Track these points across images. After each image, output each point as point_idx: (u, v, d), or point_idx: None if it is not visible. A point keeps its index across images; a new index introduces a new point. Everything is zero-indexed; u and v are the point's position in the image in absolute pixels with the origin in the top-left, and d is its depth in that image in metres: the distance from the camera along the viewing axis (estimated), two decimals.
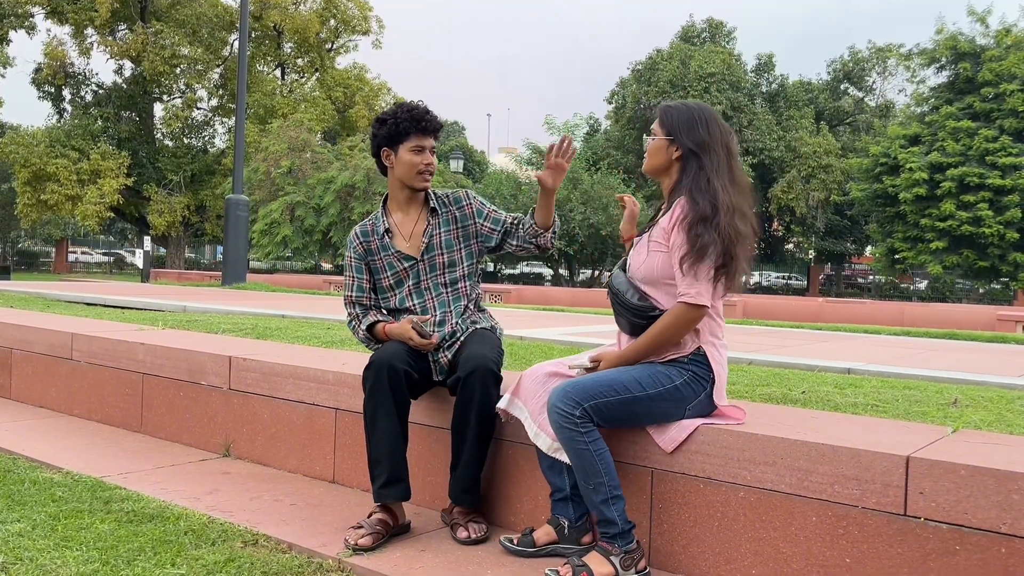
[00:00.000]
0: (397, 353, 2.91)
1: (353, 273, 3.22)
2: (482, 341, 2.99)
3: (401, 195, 3.17)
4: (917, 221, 27.73)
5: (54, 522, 2.88)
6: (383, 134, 3.10)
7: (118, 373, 4.50)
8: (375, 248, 3.17)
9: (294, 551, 2.74)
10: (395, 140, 3.08)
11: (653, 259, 2.58)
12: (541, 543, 2.71)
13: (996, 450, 2.30)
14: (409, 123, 3.06)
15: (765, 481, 2.42)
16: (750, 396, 3.28)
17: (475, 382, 2.80)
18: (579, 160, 33.11)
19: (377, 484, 2.86)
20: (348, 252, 3.24)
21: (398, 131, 3.07)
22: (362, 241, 3.19)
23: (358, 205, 23.57)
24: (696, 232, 2.46)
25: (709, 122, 2.60)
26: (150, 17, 32.30)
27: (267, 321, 6.25)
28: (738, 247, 2.50)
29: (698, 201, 2.50)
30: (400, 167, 3.10)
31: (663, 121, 2.66)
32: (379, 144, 3.14)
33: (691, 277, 2.48)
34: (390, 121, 3.08)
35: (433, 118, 3.11)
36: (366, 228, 3.22)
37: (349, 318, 3.23)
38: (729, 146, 2.62)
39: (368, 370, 2.89)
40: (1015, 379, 4.17)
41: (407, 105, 3.11)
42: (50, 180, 29.52)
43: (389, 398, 2.85)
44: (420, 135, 3.08)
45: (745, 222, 2.54)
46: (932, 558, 2.15)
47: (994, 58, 27.55)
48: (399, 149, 3.09)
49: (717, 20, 40.38)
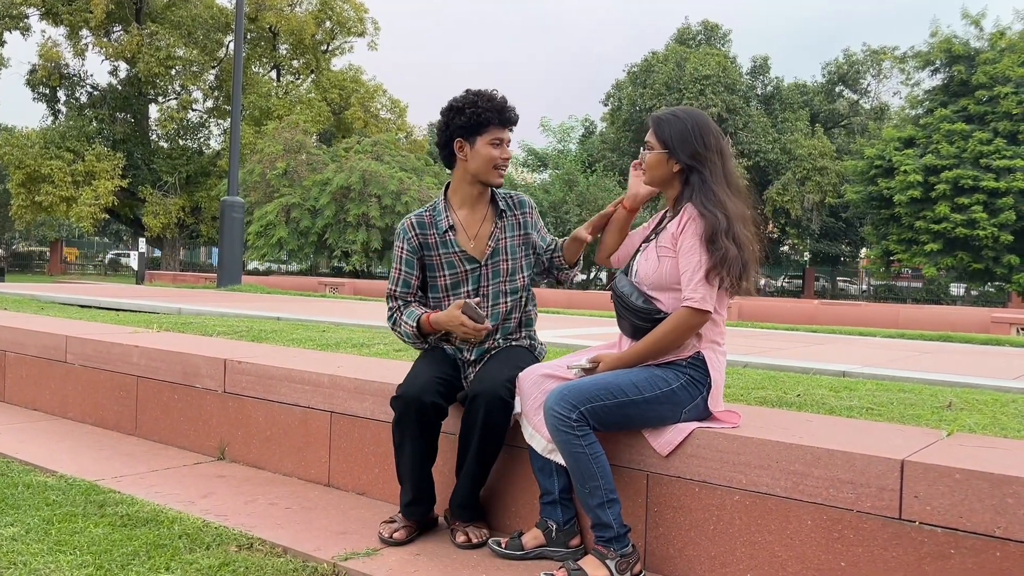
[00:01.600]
0: (427, 386, 2.77)
1: (402, 267, 3.00)
2: (506, 361, 2.88)
3: (470, 190, 2.98)
4: (912, 223, 27.80)
5: (48, 526, 2.87)
6: (460, 123, 2.88)
7: (112, 376, 4.49)
8: (433, 243, 2.97)
9: (289, 555, 2.73)
10: (473, 131, 2.88)
11: (663, 265, 2.59)
12: (529, 547, 2.72)
13: (991, 454, 2.31)
14: (491, 113, 2.86)
15: (760, 485, 2.42)
16: (745, 399, 3.28)
17: (480, 406, 2.75)
18: (575, 162, 33.14)
19: (404, 501, 2.89)
20: (399, 243, 3.00)
21: (478, 121, 2.86)
22: (418, 233, 2.97)
23: (353, 207, 23.53)
24: (720, 244, 2.47)
25: (703, 132, 2.61)
26: (145, 18, 32.25)
27: (262, 323, 6.24)
28: (750, 255, 2.54)
29: (711, 211, 2.50)
30: (476, 160, 2.90)
31: (658, 135, 2.66)
32: (452, 134, 2.92)
33: (699, 283, 2.49)
34: (469, 110, 2.86)
35: (514, 109, 2.93)
36: (423, 219, 2.99)
37: (390, 312, 3.01)
38: (723, 151, 2.64)
39: (396, 401, 2.80)
40: (1010, 382, 4.17)
41: (485, 94, 2.90)
42: (45, 181, 29.44)
43: (416, 429, 2.80)
44: (500, 127, 2.90)
45: (750, 228, 2.57)
46: (927, 562, 2.16)
47: (988, 61, 27.64)
48: (476, 141, 2.89)
49: (712, 22, 40.49)
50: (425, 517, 2.92)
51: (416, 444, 2.82)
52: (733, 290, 2.57)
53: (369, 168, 23.86)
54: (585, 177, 29.28)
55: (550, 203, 27.68)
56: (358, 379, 3.44)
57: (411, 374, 2.88)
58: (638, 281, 2.67)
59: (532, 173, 38.32)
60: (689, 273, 2.51)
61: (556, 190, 29.38)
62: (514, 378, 2.79)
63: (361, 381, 3.42)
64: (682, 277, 2.53)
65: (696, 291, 2.49)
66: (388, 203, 23.44)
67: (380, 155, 25.83)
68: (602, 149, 37.32)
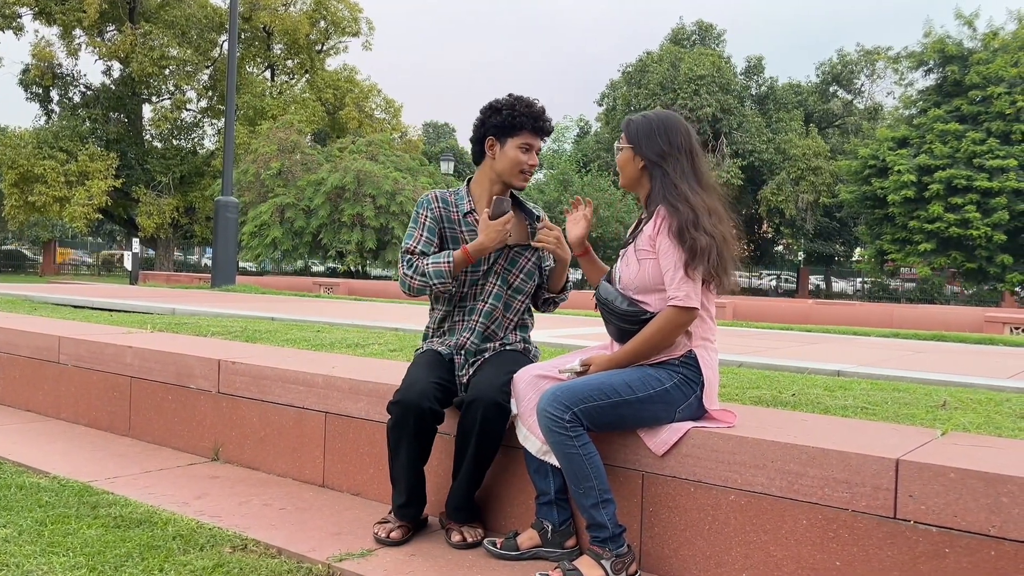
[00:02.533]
0: (425, 392, 2.77)
1: (423, 232, 3.01)
2: (501, 365, 2.90)
3: (491, 188, 3.04)
4: (905, 223, 27.90)
5: (40, 528, 2.86)
6: (495, 122, 2.96)
7: (106, 376, 4.47)
8: (455, 219, 3.03)
9: (283, 556, 2.72)
10: (506, 131, 2.96)
11: (644, 268, 2.59)
12: (524, 547, 2.72)
13: (985, 453, 2.31)
14: (526, 118, 2.94)
15: (755, 484, 2.42)
16: (740, 399, 3.29)
17: (476, 412, 2.76)
18: (569, 162, 33.18)
19: (396, 503, 2.90)
20: (422, 210, 3.03)
21: (513, 123, 2.94)
22: (441, 206, 3.03)
23: (348, 207, 23.50)
24: (688, 236, 2.48)
25: (669, 131, 2.64)
26: (139, 18, 32.17)
27: (256, 324, 6.22)
28: (725, 248, 2.53)
29: (677, 207, 2.54)
30: (503, 160, 2.98)
31: (627, 134, 2.73)
32: (487, 131, 2.99)
33: (680, 280, 2.49)
34: (506, 111, 2.94)
35: (549, 120, 3.00)
36: (447, 197, 3.06)
37: (407, 263, 2.96)
38: (693, 151, 2.66)
39: (394, 407, 2.81)
40: (1003, 381, 4.18)
41: (525, 100, 2.98)
42: (38, 182, 29.34)
43: (413, 434, 2.80)
44: (533, 134, 2.97)
45: (724, 223, 2.58)
46: (922, 561, 2.16)
47: (981, 61, 27.75)
48: (507, 142, 2.97)
49: (707, 22, 40.59)
50: (417, 518, 2.93)
51: (412, 448, 2.82)
52: (716, 283, 2.57)
53: (364, 168, 23.83)
54: (580, 177, 29.31)
55: (545, 203, 27.73)
56: (353, 379, 3.43)
57: (408, 379, 2.87)
58: (623, 286, 2.67)
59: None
60: (671, 272, 2.52)
61: (551, 190, 29.42)
62: (509, 382, 2.80)
63: (356, 381, 3.41)
64: (664, 277, 2.54)
65: (679, 289, 2.50)
66: (383, 203, 23.43)
67: (375, 155, 25.81)
68: (597, 149, 37.38)
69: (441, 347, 3.05)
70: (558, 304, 3.20)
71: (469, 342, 3.03)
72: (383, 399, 3.06)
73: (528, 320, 3.20)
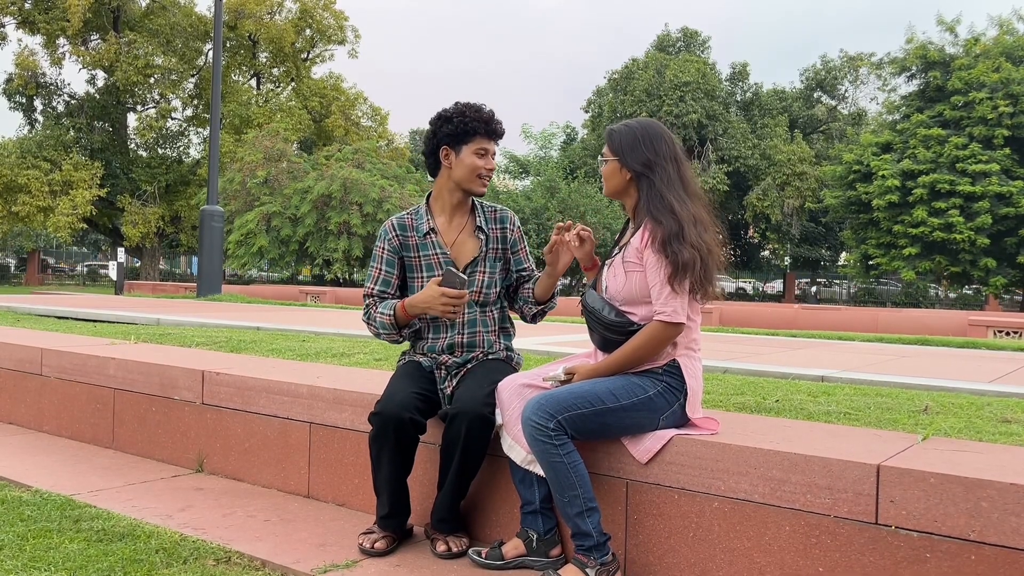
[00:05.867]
0: (405, 403, 2.77)
1: (382, 266, 3.03)
2: (484, 376, 2.89)
3: (451, 198, 3.04)
4: (890, 228, 28.06)
5: (22, 542, 2.83)
6: (447, 131, 2.96)
7: (89, 388, 4.44)
8: (413, 245, 3.03)
9: (267, 568, 2.71)
10: (459, 139, 2.96)
11: (631, 280, 2.60)
12: (510, 556, 2.72)
13: (965, 458, 2.33)
14: (478, 123, 2.95)
15: (739, 491, 2.43)
16: (724, 405, 3.30)
17: (460, 424, 2.75)
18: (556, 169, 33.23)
19: (380, 513, 2.90)
20: (380, 243, 3.05)
21: (465, 130, 2.94)
22: (398, 235, 3.04)
23: (335, 215, 23.44)
24: (671, 250, 2.49)
25: (653, 140, 2.64)
26: (123, 27, 32.02)
27: (241, 334, 6.20)
28: (709, 258, 2.53)
29: (662, 220, 2.54)
30: (460, 168, 2.98)
31: (611, 145, 2.71)
32: (440, 142, 2.99)
33: (668, 296, 2.50)
34: (456, 119, 2.95)
35: (500, 122, 3.01)
36: (404, 222, 3.06)
37: (365, 308, 3.02)
38: (678, 158, 2.66)
39: (375, 418, 2.80)
40: (985, 385, 4.22)
41: (473, 106, 2.99)
42: (21, 191, 29.08)
43: (394, 445, 2.80)
44: (486, 138, 2.98)
45: (710, 233, 2.58)
46: (903, 566, 2.17)
47: (963, 67, 27.99)
48: (462, 149, 2.97)
49: (692, 29, 40.72)
50: (402, 528, 2.93)
51: (394, 459, 2.82)
52: (701, 294, 2.58)
53: (350, 176, 23.77)
54: (567, 184, 29.31)
55: (532, 210, 27.72)
56: (337, 389, 3.42)
57: (389, 390, 2.87)
58: (609, 296, 2.68)
59: (514, 180, 38.35)
60: (658, 287, 2.53)
61: (538, 197, 29.43)
62: (493, 393, 2.79)
63: (341, 392, 3.41)
64: (651, 292, 2.55)
65: (667, 304, 2.51)
66: (369, 211, 23.37)
67: (361, 163, 25.76)
68: (583, 156, 37.41)
69: (422, 359, 3.05)
70: (547, 313, 3.20)
71: (452, 357, 3.02)
72: (368, 409, 3.06)
73: (510, 328, 3.21)
